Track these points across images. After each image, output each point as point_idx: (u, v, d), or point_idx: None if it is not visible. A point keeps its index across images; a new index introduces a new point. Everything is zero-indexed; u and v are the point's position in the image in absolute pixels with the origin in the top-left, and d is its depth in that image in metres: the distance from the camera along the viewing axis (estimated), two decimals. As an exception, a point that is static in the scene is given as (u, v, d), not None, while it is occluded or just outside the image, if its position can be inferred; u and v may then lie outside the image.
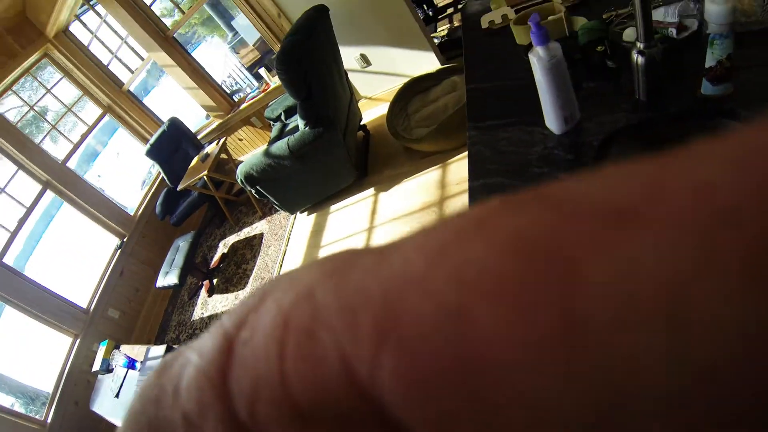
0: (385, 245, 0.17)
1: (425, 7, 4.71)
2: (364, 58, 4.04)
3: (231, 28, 9.70)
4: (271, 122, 4.46)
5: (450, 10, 4.77)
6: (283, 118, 4.24)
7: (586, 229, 0.12)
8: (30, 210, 4.53)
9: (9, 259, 4.25)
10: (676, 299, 0.11)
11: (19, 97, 5.05)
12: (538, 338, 0.12)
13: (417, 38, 3.75)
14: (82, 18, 5.19)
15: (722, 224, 0.11)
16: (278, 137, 3.87)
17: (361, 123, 4.11)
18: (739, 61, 1.04)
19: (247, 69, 5.86)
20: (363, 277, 0.15)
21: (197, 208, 4.85)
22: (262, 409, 0.15)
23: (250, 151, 5.37)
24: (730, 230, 0.11)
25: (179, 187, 4.52)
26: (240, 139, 5.32)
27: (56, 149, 5.22)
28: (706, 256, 0.11)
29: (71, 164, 5.07)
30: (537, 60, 1.12)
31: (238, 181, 3.62)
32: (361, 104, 4.34)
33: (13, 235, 4.36)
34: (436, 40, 4.11)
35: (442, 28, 4.67)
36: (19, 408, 4.21)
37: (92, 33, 5.25)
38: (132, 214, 5.25)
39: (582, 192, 0.14)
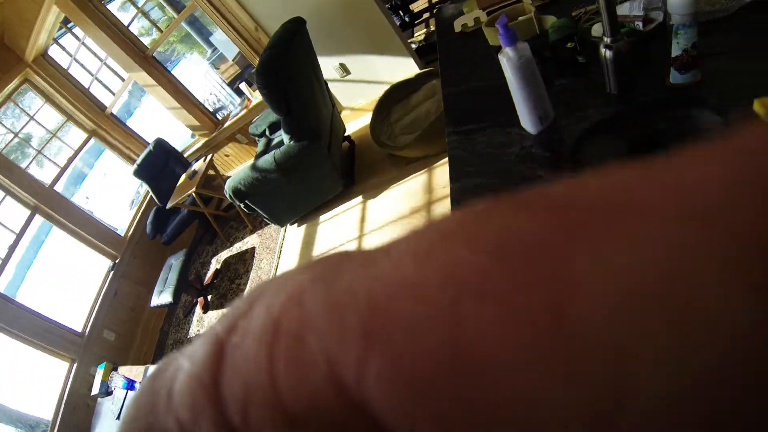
0: (374, 248, 0.17)
1: (401, 13, 4.70)
2: (344, 68, 4.05)
3: (210, 44, 9.57)
4: (256, 138, 4.46)
5: (426, 15, 4.78)
6: (267, 133, 4.24)
7: (580, 226, 0.12)
8: (20, 236, 4.51)
9: (0, 287, 4.23)
10: (673, 298, 0.11)
11: (2, 124, 5.03)
12: (533, 339, 0.11)
13: (395, 45, 3.77)
14: (61, 41, 5.19)
15: (717, 221, 0.11)
16: (264, 152, 3.88)
17: (345, 134, 4.12)
18: (706, 48, 1.07)
19: (228, 84, 5.79)
20: (351, 281, 0.15)
21: (187, 226, 4.83)
22: (254, 413, 0.15)
23: (237, 167, 5.35)
24: (725, 227, 0.11)
25: (168, 205, 4.53)
26: (226, 155, 5.30)
27: (43, 173, 5.20)
28: (703, 253, 0.11)
29: (58, 188, 5.05)
30: (507, 61, 1.14)
31: (227, 196, 3.62)
32: (343, 115, 4.34)
33: (4, 262, 4.33)
34: (414, 46, 4.12)
35: (420, 33, 4.67)
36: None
37: (71, 56, 5.24)
38: (122, 234, 5.22)
39: (572, 190, 0.14)
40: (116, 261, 4.93)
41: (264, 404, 0.15)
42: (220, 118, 5.31)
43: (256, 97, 4.81)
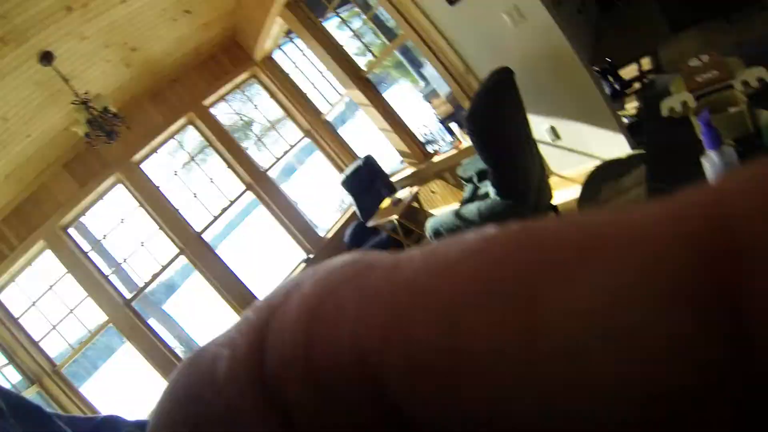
0: (400, 256, 0.19)
1: (611, 79, 4.16)
2: (554, 131, 3.66)
3: (422, 77, 9.25)
4: (464, 182, 4.21)
5: (637, 85, 4.25)
6: (475, 180, 3.96)
7: (549, 261, 0.14)
8: (232, 203, 5.32)
9: (207, 238, 5.10)
10: (617, 319, 0.12)
11: (230, 106, 5.90)
12: (509, 346, 0.14)
13: (604, 115, 3.38)
14: (284, 48, 5.88)
15: (653, 263, 0.12)
16: (470, 199, 3.72)
17: (552, 202, 3.71)
18: None
19: (440, 121, 5.61)
20: (380, 281, 0.18)
21: (385, 250, 4.62)
22: (292, 386, 0.17)
23: (441, 206, 5.21)
24: (657, 271, 0.12)
25: (369, 224, 4.66)
26: (432, 192, 5.20)
27: (259, 157, 5.86)
28: (641, 287, 0.12)
29: (272, 174, 5.73)
30: (710, 166, 1.10)
31: (427, 234, 3.60)
32: (551, 181, 3.80)
33: (215, 219, 5.27)
34: (625, 120, 3.52)
35: (631, 105, 4.08)
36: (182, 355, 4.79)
37: (293, 63, 5.89)
38: (321, 235, 5.66)
39: (552, 230, 0.16)
40: (311, 256, 5.31)
41: (300, 376, 0.17)
42: (430, 151, 5.11)
43: (466, 140, 4.50)
